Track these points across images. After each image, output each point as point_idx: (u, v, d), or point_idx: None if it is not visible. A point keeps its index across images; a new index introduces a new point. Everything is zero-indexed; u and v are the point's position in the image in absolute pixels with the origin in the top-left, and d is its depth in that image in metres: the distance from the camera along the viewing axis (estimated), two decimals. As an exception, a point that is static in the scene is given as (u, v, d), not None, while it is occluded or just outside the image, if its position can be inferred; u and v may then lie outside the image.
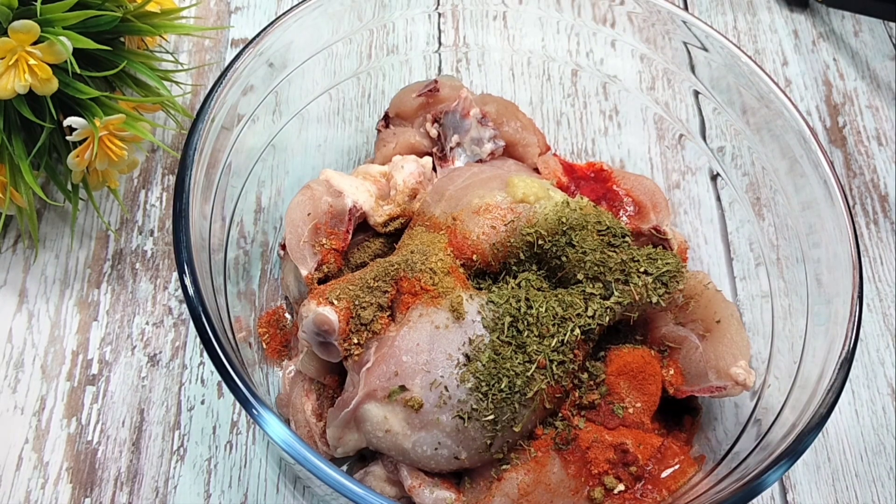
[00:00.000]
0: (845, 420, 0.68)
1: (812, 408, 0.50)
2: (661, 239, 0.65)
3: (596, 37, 0.71)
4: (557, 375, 0.54)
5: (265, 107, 0.64)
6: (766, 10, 0.92)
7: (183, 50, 0.83)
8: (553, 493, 0.53)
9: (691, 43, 0.67)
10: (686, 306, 0.59)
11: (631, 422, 0.56)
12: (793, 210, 0.62)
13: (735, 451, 0.56)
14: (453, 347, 0.53)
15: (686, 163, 0.72)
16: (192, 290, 0.49)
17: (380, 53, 0.72)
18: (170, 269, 0.71)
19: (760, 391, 0.58)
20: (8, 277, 0.69)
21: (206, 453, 0.63)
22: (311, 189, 0.62)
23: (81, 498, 0.60)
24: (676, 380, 0.58)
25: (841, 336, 0.52)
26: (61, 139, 0.64)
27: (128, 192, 0.74)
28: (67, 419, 0.63)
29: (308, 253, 0.60)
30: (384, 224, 0.63)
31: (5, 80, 0.57)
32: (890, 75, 0.88)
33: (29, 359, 0.65)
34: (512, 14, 0.73)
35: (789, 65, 0.88)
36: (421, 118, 0.70)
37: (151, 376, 0.65)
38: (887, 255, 0.76)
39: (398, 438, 0.53)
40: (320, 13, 0.65)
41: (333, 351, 0.55)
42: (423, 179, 0.65)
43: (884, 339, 0.72)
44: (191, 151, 0.54)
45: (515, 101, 0.72)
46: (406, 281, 0.56)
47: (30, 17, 0.58)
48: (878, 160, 0.82)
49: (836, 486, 0.65)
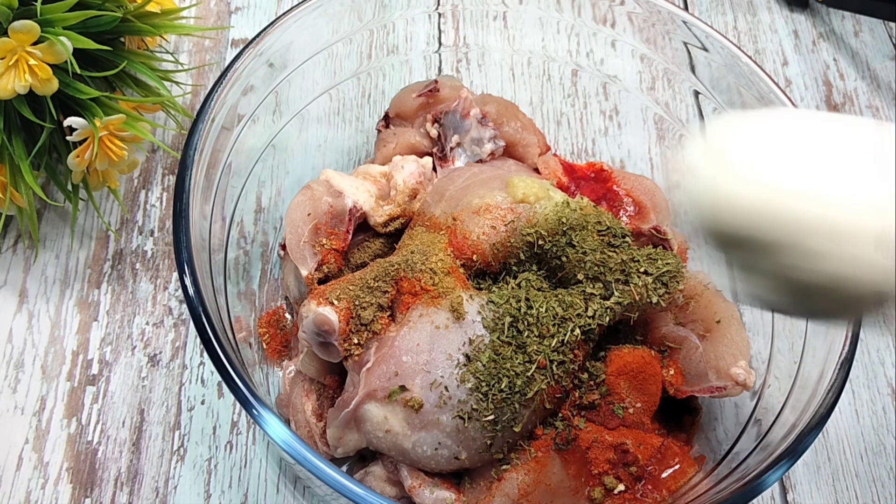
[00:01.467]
0: (845, 420, 0.68)
1: (812, 408, 0.50)
2: (661, 239, 0.65)
3: (596, 37, 0.71)
4: (557, 376, 0.54)
5: (265, 107, 0.64)
6: (766, 10, 0.92)
7: (183, 50, 0.83)
8: (553, 494, 0.53)
9: (691, 43, 0.67)
10: (686, 306, 0.59)
11: (631, 422, 0.56)
12: (793, 210, 0.61)
13: (735, 451, 0.56)
14: (453, 347, 0.53)
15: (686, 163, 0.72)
16: (192, 290, 0.49)
17: (380, 53, 0.72)
18: (170, 269, 0.71)
19: (760, 391, 0.58)
20: (8, 277, 0.69)
21: (206, 453, 0.63)
22: (311, 189, 0.62)
23: (81, 498, 0.60)
24: (676, 380, 0.58)
25: (841, 336, 0.52)
26: (61, 139, 0.64)
27: (128, 192, 0.74)
28: (67, 419, 0.63)
29: (308, 253, 0.60)
30: (384, 224, 0.63)
31: (5, 80, 0.57)
32: (890, 75, 0.88)
33: (29, 359, 0.65)
34: (512, 14, 0.73)
35: (789, 65, 0.88)
36: (421, 118, 0.70)
37: (151, 376, 0.65)
38: (887, 255, 0.76)
39: (398, 438, 0.53)
40: (320, 13, 0.65)
41: (333, 351, 0.55)
42: (423, 179, 0.65)
43: (884, 339, 0.72)
44: (191, 151, 0.54)
45: (515, 101, 0.72)
46: (406, 281, 0.56)
47: (30, 17, 0.58)
48: (878, 160, 0.82)
49: (836, 486, 0.65)
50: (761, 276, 0.36)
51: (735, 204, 0.35)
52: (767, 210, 0.34)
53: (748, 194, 0.35)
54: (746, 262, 0.36)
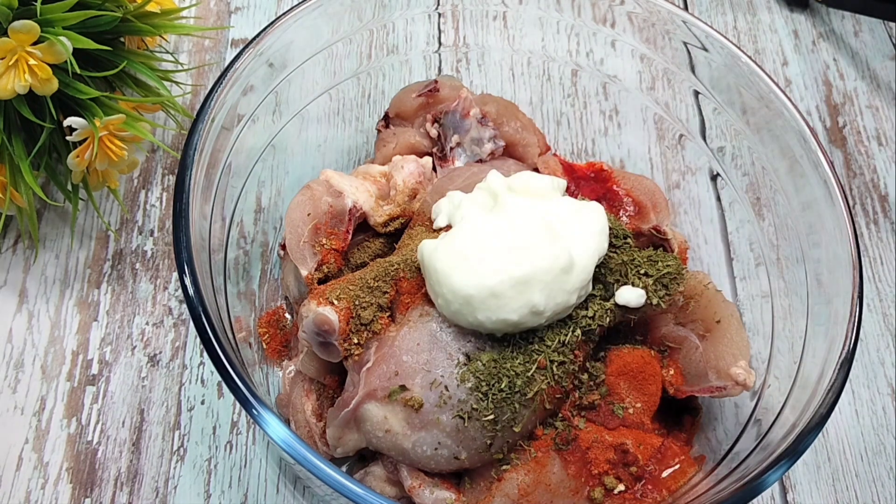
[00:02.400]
0: (845, 420, 0.68)
1: (812, 408, 0.50)
2: (661, 239, 0.65)
3: (596, 37, 0.71)
4: (558, 376, 0.54)
5: (265, 107, 0.64)
6: (766, 10, 0.92)
7: (183, 50, 0.83)
8: (553, 494, 0.53)
9: (691, 43, 0.67)
10: (686, 306, 0.59)
11: (631, 422, 0.56)
12: (793, 210, 0.62)
13: (735, 451, 0.56)
14: (454, 347, 0.53)
15: (686, 163, 0.72)
16: (192, 290, 0.49)
17: (380, 53, 0.72)
18: (170, 269, 0.71)
19: (760, 391, 0.58)
20: (8, 277, 0.69)
21: (206, 453, 0.63)
22: (311, 189, 0.62)
23: (81, 498, 0.60)
24: (676, 380, 0.58)
25: (841, 336, 0.52)
26: (61, 139, 0.64)
27: (128, 192, 0.74)
28: (67, 419, 0.63)
29: (308, 253, 0.60)
30: (384, 224, 0.63)
31: (5, 80, 0.57)
32: (890, 75, 0.88)
33: (29, 359, 0.65)
34: (512, 14, 0.72)
35: (789, 65, 0.88)
36: (421, 118, 0.70)
37: (151, 376, 0.65)
38: (887, 255, 0.76)
39: (398, 438, 0.53)
40: (320, 13, 0.65)
41: (334, 351, 0.55)
42: (423, 179, 0.65)
43: (884, 339, 0.72)
44: (191, 151, 0.54)
45: (515, 101, 0.72)
46: (406, 281, 0.56)
47: (30, 17, 0.58)
48: (878, 160, 0.82)
49: (836, 486, 0.65)
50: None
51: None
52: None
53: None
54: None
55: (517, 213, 0.55)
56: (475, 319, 0.52)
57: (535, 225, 0.54)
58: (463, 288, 0.51)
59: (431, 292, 0.54)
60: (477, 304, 0.51)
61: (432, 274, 0.54)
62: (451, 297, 0.52)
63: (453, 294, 0.52)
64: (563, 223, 0.55)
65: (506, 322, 0.52)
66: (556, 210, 0.56)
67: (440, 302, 0.54)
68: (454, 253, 0.53)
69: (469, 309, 0.52)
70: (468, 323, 0.53)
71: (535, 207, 0.56)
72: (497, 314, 0.51)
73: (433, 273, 0.53)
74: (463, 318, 0.53)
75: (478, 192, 0.59)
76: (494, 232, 0.54)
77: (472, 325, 0.53)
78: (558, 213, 0.56)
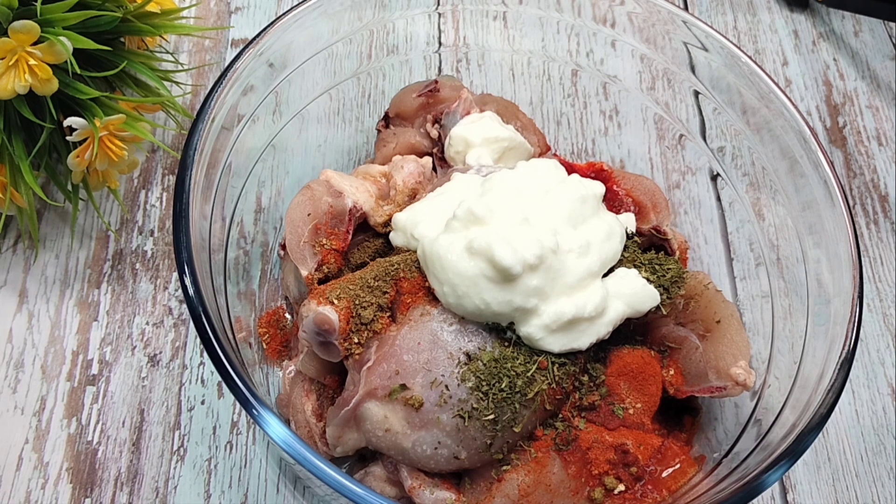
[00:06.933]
0: (845, 420, 0.68)
1: (812, 408, 0.50)
2: (661, 239, 0.65)
3: (596, 37, 0.71)
4: (558, 376, 0.54)
5: (265, 107, 0.64)
6: (766, 10, 0.92)
7: (183, 50, 0.83)
8: (553, 494, 0.53)
9: (691, 43, 0.67)
10: (686, 307, 0.59)
11: (631, 422, 0.56)
12: (793, 210, 0.62)
13: (735, 451, 0.56)
14: (454, 346, 0.53)
15: (686, 163, 0.72)
16: (192, 290, 0.49)
17: (380, 53, 0.72)
18: (170, 269, 0.71)
19: (760, 391, 0.58)
20: (8, 277, 0.69)
21: (206, 453, 0.63)
22: (311, 189, 0.62)
23: (81, 498, 0.60)
24: (676, 380, 0.58)
25: (841, 336, 0.52)
26: (61, 139, 0.64)
27: (128, 193, 0.74)
28: (67, 419, 0.63)
29: (308, 253, 0.60)
30: (384, 224, 0.63)
31: (5, 80, 0.57)
32: (890, 75, 0.88)
33: (29, 359, 0.65)
34: (512, 14, 0.73)
35: (789, 65, 0.88)
36: (421, 118, 0.70)
37: (151, 376, 0.65)
38: (887, 255, 0.76)
39: (398, 438, 0.53)
40: (320, 13, 0.65)
41: (334, 350, 0.55)
42: (423, 179, 0.65)
43: (884, 339, 0.72)
44: (191, 151, 0.54)
45: (515, 101, 0.72)
46: (406, 281, 0.56)
47: (30, 17, 0.58)
48: (878, 160, 0.82)
49: (836, 486, 0.65)
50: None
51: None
52: None
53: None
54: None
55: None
56: (481, 301, 0.52)
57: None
58: (468, 269, 0.52)
59: (435, 281, 0.55)
60: (483, 283, 0.52)
61: (435, 261, 0.54)
62: (458, 280, 0.52)
63: (459, 277, 0.52)
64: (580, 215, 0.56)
65: (510, 304, 0.52)
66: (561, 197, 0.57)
67: (445, 290, 0.54)
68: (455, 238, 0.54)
69: (475, 290, 0.52)
70: (475, 306, 0.53)
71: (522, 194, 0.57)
72: (503, 295, 0.52)
73: (436, 260, 0.54)
74: (470, 300, 0.53)
75: (470, 175, 0.60)
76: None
77: (476, 310, 0.53)
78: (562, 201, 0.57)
